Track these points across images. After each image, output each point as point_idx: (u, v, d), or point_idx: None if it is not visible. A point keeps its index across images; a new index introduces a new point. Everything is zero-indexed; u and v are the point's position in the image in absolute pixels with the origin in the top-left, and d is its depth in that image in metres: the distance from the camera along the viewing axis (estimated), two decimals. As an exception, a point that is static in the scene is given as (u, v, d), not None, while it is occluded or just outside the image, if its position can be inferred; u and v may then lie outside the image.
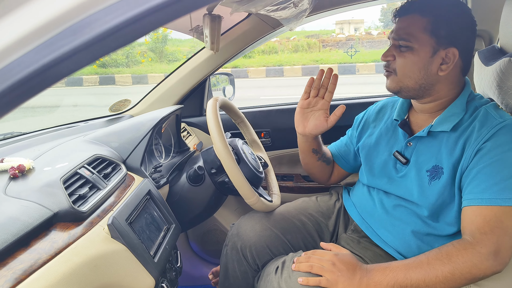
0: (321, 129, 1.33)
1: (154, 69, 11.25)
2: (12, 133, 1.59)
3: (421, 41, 1.11)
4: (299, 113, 1.35)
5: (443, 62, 1.12)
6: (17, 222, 0.84)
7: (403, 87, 1.17)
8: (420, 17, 1.11)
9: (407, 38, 1.12)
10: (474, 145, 1.08)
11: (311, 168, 1.49)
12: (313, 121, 1.33)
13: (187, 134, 1.97)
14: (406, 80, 1.16)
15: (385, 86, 1.22)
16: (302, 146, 1.43)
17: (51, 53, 0.34)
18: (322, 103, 1.32)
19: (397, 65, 1.16)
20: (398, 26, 1.16)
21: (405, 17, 1.14)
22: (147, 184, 1.25)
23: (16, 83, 0.36)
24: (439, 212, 1.15)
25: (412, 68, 1.14)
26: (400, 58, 1.15)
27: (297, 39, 15.00)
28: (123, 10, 0.34)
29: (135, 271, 0.99)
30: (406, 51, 1.14)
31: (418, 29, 1.11)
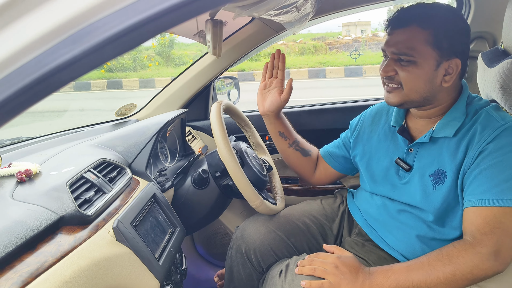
0: (276, 105, 1.41)
1: (161, 73, 11.30)
2: (20, 137, 1.62)
3: (424, 55, 1.08)
4: (258, 95, 1.46)
5: (446, 73, 1.11)
6: (23, 226, 0.85)
7: (407, 101, 1.15)
8: (420, 29, 1.08)
9: (409, 53, 1.09)
10: (477, 147, 1.08)
11: (286, 157, 1.53)
12: (270, 98, 1.43)
13: (192, 137, 1.98)
14: (412, 94, 1.13)
15: (385, 100, 1.19)
16: (270, 128, 1.49)
17: (53, 61, 0.35)
18: (276, 81, 1.43)
19: (402, 79, 1.12)
20: (396, 39, 1.11)
21: (404, 29, 1.10)
22: (152, 188, 1.27)
23: (19, 90, 0.37)
24: (445, 216, 1.15)
25: (418, 82, 1.11)
26: (403, 72, 1.11)
27: (303, 42, 14.99)
28: (121, 19, 0.35)
29: (140, 273, 1.01)
30: (408, 65, 1.10)
31: (420, 42, 1.08)
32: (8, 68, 0.36)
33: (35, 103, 0.36)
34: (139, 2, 0.35)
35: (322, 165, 1.54)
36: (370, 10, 1.89)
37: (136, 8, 0.35)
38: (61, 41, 0.35)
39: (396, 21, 1.12)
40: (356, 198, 1.43)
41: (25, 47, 0.36)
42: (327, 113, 2.11)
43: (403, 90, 1.13)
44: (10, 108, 0.36)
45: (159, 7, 0.35)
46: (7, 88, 0.35)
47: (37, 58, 0.35)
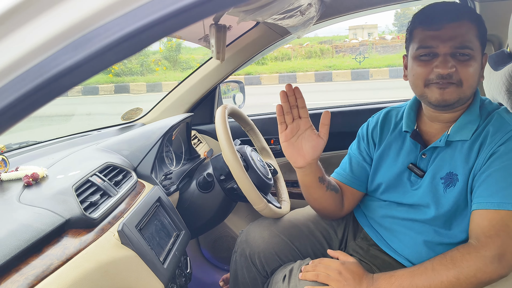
0: (320, 148, 1.18)
1: (168, 77, 11.37)
2: (28, 142, 1.64)
3: (476, 48, 1.07)
4: (288, 147, 1.18)
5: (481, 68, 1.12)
6: (30, 229, 0.86)
7: (462, 98, 1.09)
8: (470, 23, 1.07)
9: (470, 46, 1.06)
10: (488, 150, 1.08)
11: (322, 202, 1.31)
12: (307, 144, 1.17)
13: (198, 141, 1.99)
14: (469, 90, 1.09)
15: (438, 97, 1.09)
16: (306, 180, 1.25)
17: (55, 67, 0.36)
18: (304, 122, 1.17)
19: (462, 75, 1.06)
20: (449, 33, 1.06)
21: (458, 23, 1.06)
22: (157, 191, 1.28)
23: (23, 95, 0.38)
24: (453, 219, 1.14)
25: (475, 77, 1.09)
26: (463, 67, 1.06)
27: (310, 45, 15.01)
28: (121, 26, 0.36)
29: (144, 276, 1.01)
30: (468, 59, 1.06)
31: (473, 36, 1.07)
32: (12, 73, 0.37)
33: (38, 108, 0.37)
34: (139, 9, 0.36)
35: (349, 192, 1.36)
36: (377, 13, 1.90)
37: (136, 15, 0.36)
38: (63, 48, 0.36)
39: (447, 15, 1.07)
40: (362, 203, 1.42)
41: (28, 53, 0.37)
42: (333, 117, 2.10)
43: (462, 87, 1.08)
44: (14, 113, 0.37)
45: (159, 14, 0.36)
46: (11, 94, 0.36)
47: (39, 64, 0.36)
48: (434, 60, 1.08)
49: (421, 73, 1.10)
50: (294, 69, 11.71)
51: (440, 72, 1.06)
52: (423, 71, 1.10)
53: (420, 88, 1.13)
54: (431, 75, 1.08)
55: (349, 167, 1.37)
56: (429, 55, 1.09)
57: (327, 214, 1.37)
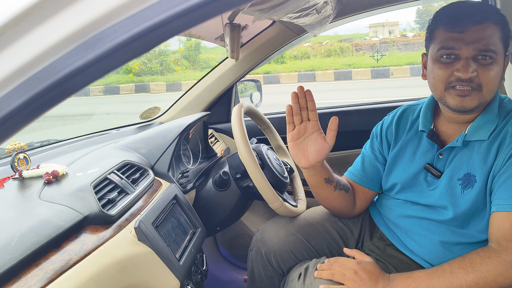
0: (324, 152, 1.18)
1: (188, 76, 11.46)
2: (49, 140, 1.68)
3: (500, 52, 1.05)
4: (293, 147, 1.19)
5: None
6: (49, 225, 0.89)
7: (482, 103, 1.07)
8: (495, 25, 1.04)
9: (494, 49, 1.03)
10: (507, 150, 1.06)
11: (331, 202, 1.33)
12: (313, 147, 1.18)
13: (215, 140, 2.01)
14: (489, 95, 1.07)
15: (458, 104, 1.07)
16: (313, 180, 1.26)
17: (67, 67, 0.37)
18: (312, 125, 1.17)
19: (483, 80, 1.04)
20: (474, 35, 1.03)
21: (482, 25, 1.03)
22: (174, 189, 1.29)
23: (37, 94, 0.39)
24: (470, 220, 1.13)
25: (496, 81, 1.06)
26: (485, 71, 1.04)
27: (329, 44, 14.90)
28: (130, 26, 0.37)
29: (160, 273, 1.03)
30: (490, 63, 1.04)
31: (497, 39, 1.04)
32: (27, 73, 0.38)
33: (52, 107, 0.39)
34: (147, 10, 0.37)
35: (361, 191, 1.37)
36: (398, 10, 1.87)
37: (145, 15, 0.37)
38: (74, 48, 0.37)
39: (471, 17, 1.04)
40: (378, 202, 1.41)
41: (41, 54, 0.38)
42: (349, 116, 2.10)
43: (482, 91, 1.06)
44: (30, 111, 0.39)
45: (167, 14, 0.36)
46: (27, 92, 0.38)
47: (52, 64, 0.37)
48: (455, 63, 1.06)
49: (441, 76, 1.08)
50: (313, 67, 11.65)
51: (461, 76, 1.04)
52: (443, 74, 1.08)
53: (440, 91, 1.11)
54: (451, 78, 1.07)
55: (361, 166, 1.37)
56: (450, 58, 1.07)
57: (338, 212, 1.38)
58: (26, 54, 0.38)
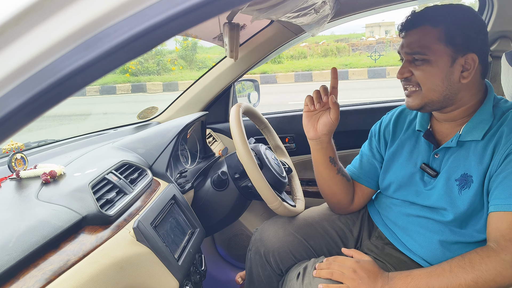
0: (330, 126, 1.24)
1: (184, 76, 11.43)
2: (46, 140, 1.67)
3: (437, 52, 1.08)
4: (306, 117, 1.27)
5: (464, 69, 1.09)
6: (47, 225, 0.88)
7: (427, 102, 1.13)
8: (431, 27, 1.08)
9: (422, 51, 1.09)
10: (503, 150, 1.06)
11: (332, 186, 1.35)
12: (321, 120, 1.25)
13: (213, 140, 2.00)
14: (431, 94, 1.11)
15: (406, 105, 1.18)
16: (319, 155, 1.31)
17: (68, 67, 0.37)
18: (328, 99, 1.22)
19: (418, 79, 1.11)
20: (408, 40, 1.12)
21: (415, 29, 1.11)
22: (172, 189, 1.29)
23: (38, 93, 0.39)
24: (468, 220, 1.13)
25: (434, 80, 1.10)
26: (418, 71, 1.11)
27: (326, 44, 14.91)
28: (131, 26, 0.36)
29: (159, 273, 1.02)
30: (422, 64, 1.10)
31: (431, 40, 1.08)
32: (27, 73, 0.38)
33: (52, 106, 0.38)
34: (148, 9, 0.37)
35: (359, 188, 1.40)
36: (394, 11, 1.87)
37: (146, 15, 0.37)
38: (75, 48, 0.37)
39: (407, 24, 1.13)
40: (376, 201, 1.41)
41: (41, 53, 0.38)
42: (348, 115, 2.10)
43: (422, 91, 1.12)
44: (30, 110, 0.38)
45: (168, 13, 0.36)
46: (27, 92, 0.37)
47: (53, 64, 0.37)
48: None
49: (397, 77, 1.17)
50: (310, 67, 11.66)
51: (397, 77, 1.16)
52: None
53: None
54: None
55: (359, 163, 1.40)
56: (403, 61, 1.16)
57: (337, 202, 1.40)
58: (26, 53, 0.38)
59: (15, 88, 0.37)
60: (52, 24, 0.37)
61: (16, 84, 0.37)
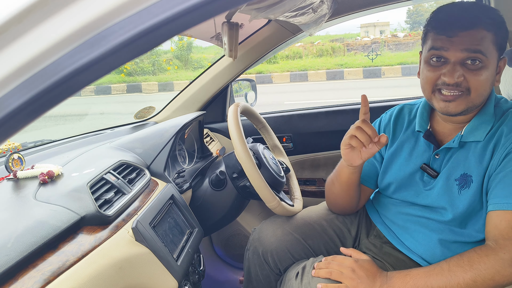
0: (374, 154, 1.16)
1: (180, 76, 11.40)
2: (43, 140, 1.66)
3: (491, 56, 1.05)
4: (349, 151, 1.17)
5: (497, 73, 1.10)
6: (46, 226, 0.88)
7: (471, 107, 1.08)
8: (486, 31, 1.03)
9: (482, 54, 1.03)
10: (503, 150, 1.06)
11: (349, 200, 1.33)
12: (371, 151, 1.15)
13: (210, 139, 2.00)
14: (478, 99, 1.07)
15: (443, 109, 1.09)
16: (354, 178, 1.25)
17: (72, 65, 0.36)
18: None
19: (471, 84, 1.04)
20: (464, 40, 1.03)
21: (471, 31, 1.03)
22: (170, 189, 1.28)
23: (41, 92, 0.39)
24: (468, 219, 1.13)
25: (486, 85, 1.06)
26: (474, 77, 1.04)
27: (321, 44, 14.93)
28: (135, 23, 0.36)
29: (158, 273, 1.02)
30: (479, 68, 1.04)
31: (489, 44, 1.04)
32: (30, 71, 0.37)
33: (55, 105, 0.38)
34: (153, 6, 0.36)
35: (362, 189, 1.38)
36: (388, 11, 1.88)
37: (151, 12, 0.36)
38: (79, 45, 0.37)
39: (461, 22, 1.05)
40: (375, 200, 1.41)
41: (45, 51, 0.37)
42: (344, 114, 2.10)
43: (470, 96, 1.06)
44: (33, 109, 0.38)
45: (173, 11, 0.36)
46: (30, 91, 0.37)
47: (56, 62, 0.37)
48: (443, 66, 1.07)
49: (429, 79, 1.10)
50: (305, 67, 11.67)
51: (446, 81, 1.05)
52: (431, 76, 1.09)
53: (428, 93, 1.13)
54: (438, 81, 1.08)
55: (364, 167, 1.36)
56: (440, 61, 1.08)
57: (344, 208, 1.38)
58: (29, 51, 0.37)
59: (18, 87, 0.37)
60: (55, 22, 0.37)
61: (19, 82, 0.37)
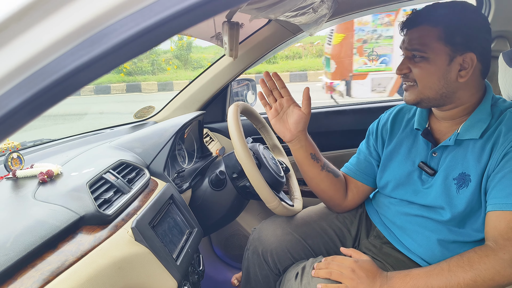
0: (303, 121, 1.28)
1: (179, 76, 11.37)
2: (42, 140, 1.65)
3: (435, 50, 1.09)
4: (276, 123, 1.30)
5: (462, 68, 1.10)
6: (45, 225, 0.87)
7: (423, 98, 1.15)
8: (430, 27, 1.10)
9: (421, 49, 1.11)
10: (501, 150, 1.06)
11: (319, 183, 1.35)
12: (291, 118, 1.28)
13: (210, 139, 1.99)
14: (427, 91, 1.13)
15: (404, 99, 1.21)
16: (299, 155, 1.33)
17: (72, 63, 0.36)
18: (286, 100, 1.29)
19: (416, 76, 1.14)
20: (409, 37, 1.14)
21: (415, 28, 1.13)
22: (170, 189, 1.28)
23: (41, 90, 0.38)
24: (466, 219, 1.13)
25: (431, 78, 1.12)
26: (416, 68, 1.13)
27: (321, 44, 14.93)
28: (137, 21, 0.36)
29: (158, 273, 1.02)
30: (421, 61, 1.12)
31: (430, 39, 1.09)
32: (30, 69, 0.37)
33: (55, 103, 0.38)
34: (155, 4, 0.36)
35: (353, 184, 1.40)
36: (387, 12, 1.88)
37: (152, 10, 0.36)
38: (80, 43, 0.36)
39: (408, 23, 1.15)
40: (374, 200, 1.41)
41: (45, 49, 0.37)
42: (345, 115, 2.10)
43: (418, 87, 1.14)
44: (33, 108, 0.37)
45: (174, 9, 0.36)
46: (30, 89, 0.37)
47: (56, 60, 0.36)
48: None
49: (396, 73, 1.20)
50: (305, 67, 11.66)
51: (396, 72, 1.19)
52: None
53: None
54: None
55: (356, 160, 1.42)
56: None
57: (328, 199, 1.40)
58: (29, 49, 0.37)
59: (18, 85, 0.36)
60: (56, 20, 0.36)
61: (19, 80, 0.36)
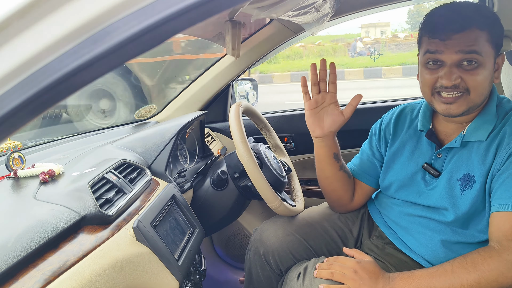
0: (339, 123, 1.24)
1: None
2: (43, 139, 1.65)
3: (487, 54, 1.05)
4: (310, 115, 1.24)
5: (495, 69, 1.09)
6: (46, 225, 0.87)
7: (472, 107, 1.08)
8: (479, 30, 1.03)
9: (475, 57, 1.03)
10: (506, 150, 1.06)
11: (333, 182, 1.33)
12: (328, 117, 1.23)
13: (211, 139, 1.99)
14: (478, 98, 1.07)
15: (444, 111, 1.09)
16: (322, 152, 1.29)
17: (75, 61, 0.36)
18: (330, 97, 1.23)
19: (470, 85, 1.05)
20: (457, 43, 1.03)
21: (464, 32, 1.03)
22: (172, 189, 1.28)
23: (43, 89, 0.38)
24: (470, 220, 1.13)
25: (484, 84, 1.06)
26: (471, 77, 1.04)
27: (322, 44, 14.95)
28: (140, 19, 0.35)
29: (159, 273, 1.01)
30: (476, 68, 1.04)
31: (483, 43, 1.04)
32: (32, 68, 0.37)
33: (57, 102, 0.37)
34: (157, 2, 0.36)
35: (358, 185, 1.38)
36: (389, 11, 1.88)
37: (155, 8, 0.36)
38: (82, 41, 0.36)
39: (453, 24, 1.05)
40: (377, 200, 1.41)
41: (47, 47, 0.37)
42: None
43: (470, 96, 1.06)
44: (35, 106, 0.37)
45: (177, 7, 0.35)
46: (32, 87, 0.36)
47: (59, 58, 0.36)
48: (440, 69, 1.08)
49: (427, 81, 1.11)
50: (306, 67, 11.68)
51: (444, 83, 1.06)
52: (429, 79, 1.10)
53: (427, 95, 1.14)
54: (437, 84, 1.09)
55: (359, 161, 1.40)
56: (436, 64, 1.09)
57: (337, 199, 1.38)
58: (31, 47, 0.37)
59: (20, 83, 0.36)
60: (58, 18, 0.36)
61: (21, 79, 0.36)
